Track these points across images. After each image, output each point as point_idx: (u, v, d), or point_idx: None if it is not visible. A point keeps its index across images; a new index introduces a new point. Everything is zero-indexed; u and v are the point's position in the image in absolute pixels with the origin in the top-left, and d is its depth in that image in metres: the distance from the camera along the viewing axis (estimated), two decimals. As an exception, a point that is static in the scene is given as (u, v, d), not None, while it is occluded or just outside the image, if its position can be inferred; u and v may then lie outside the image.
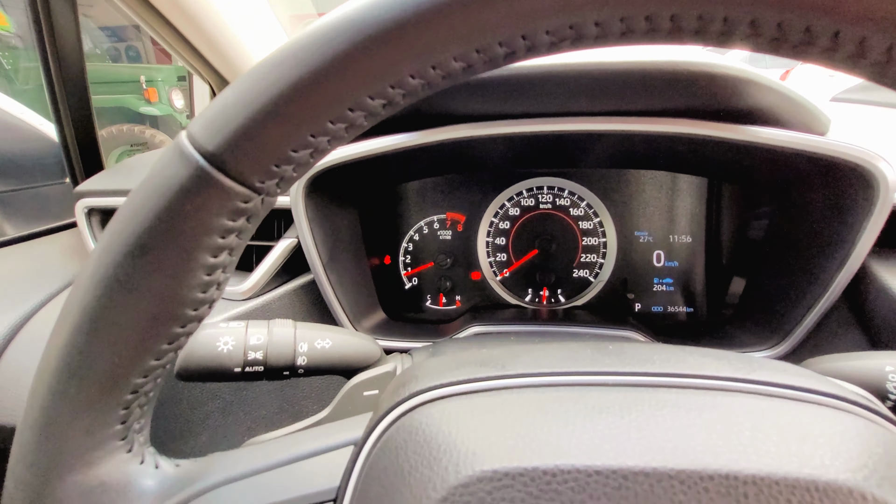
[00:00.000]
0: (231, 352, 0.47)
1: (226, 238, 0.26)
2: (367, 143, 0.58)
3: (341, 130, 0.27)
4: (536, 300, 0.85)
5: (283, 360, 0.49)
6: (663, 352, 0.35)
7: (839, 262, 0.57)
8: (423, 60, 0.25)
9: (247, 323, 0.50)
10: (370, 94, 0.26)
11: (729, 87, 0.46)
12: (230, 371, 0.47)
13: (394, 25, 0.23)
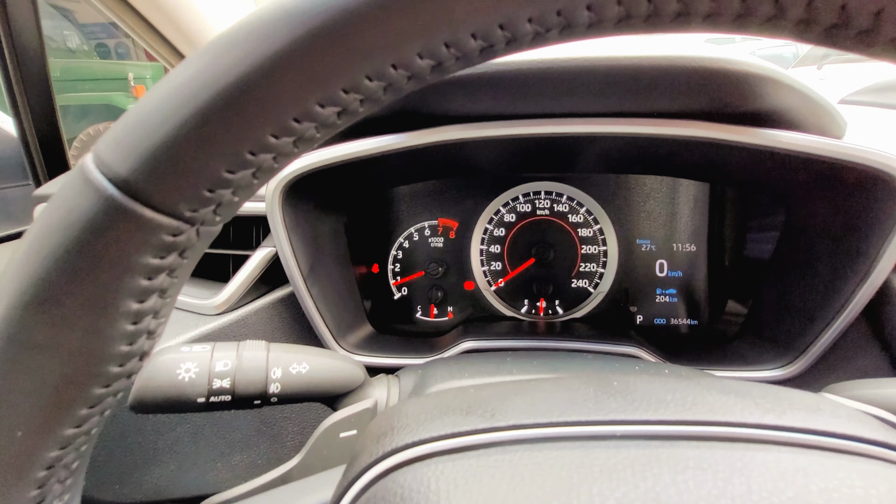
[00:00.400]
0: (194, 380, 0.42)
1: (153, 279, 0.22)
2: (351, 145, 0.53)
3: (288, 145, 0.23)
4: (533, 312, 0.81)
5: (253, 388, 0.44)
6: (677, 388, 0.31)
7: (860, 277, 0.53)
8: (382, 58, 0.21)
9: (213, 346, 0.45)
10: (319, 100, 0.21)
11: (750, 87, 0.42)
12: (192, 402, 0.42)
13: (343, 15, 0.19)
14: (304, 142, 0.25)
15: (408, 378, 0.53)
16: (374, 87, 0.23)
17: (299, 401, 0.46)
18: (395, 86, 0.24)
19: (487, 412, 0.30)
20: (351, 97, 0.23)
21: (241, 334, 0.62)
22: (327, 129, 0.24)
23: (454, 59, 0.23)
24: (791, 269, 0.62)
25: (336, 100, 0.23)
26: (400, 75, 0.23)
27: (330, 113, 0.23)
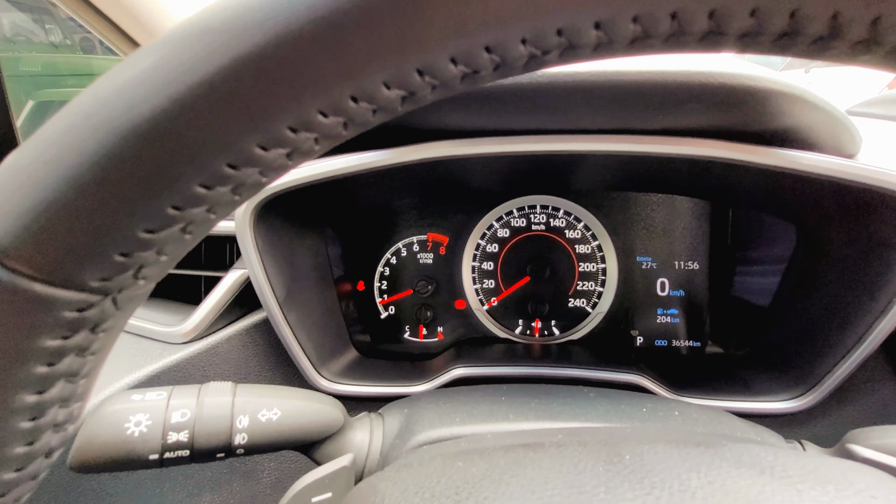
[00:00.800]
0: (145, 434, 0.37)
1: (56, 363, 0.17)
2: (331, 162, 0.49)
3: (225, 195, 0.18)
4: (528, 333, 0.76)
5: (216, 441, 0.39)
6: (701, 466, 0.26)
7: (880, 307, 0.49)
8: (340, 87, 0.17)
9: (170, 392, 0.40)
10: (260, 142, 0.17)
11: (773, 106, 0.38)
12: (143, 460, 0.37)
13: (284, 42, 0.15)
14: (244, 188, 0.20)
15: (392, 418, 0.48)
16: (330, 123, 0.18)
17: (269, 451, 0.42)
18: (358, 120, 0.19)
19: (480, 498, 0.25)
20: (302, 136, 0.18)
21: (210, 365, 0.57)
22: (274, 171, 0.20)
23: (429, 88, 0.19)
24: (803, 295, 0.59)
25: (282, 139, 0.18)
26: (361, 109, 0.18)
27: (275, 157, 0.18)
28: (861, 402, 0.56)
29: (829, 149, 0.47)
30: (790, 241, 0.61)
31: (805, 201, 0.51)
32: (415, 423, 0.45)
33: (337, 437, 0.45)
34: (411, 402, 0.50)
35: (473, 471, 0.27)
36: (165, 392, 0.39)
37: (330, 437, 0.44)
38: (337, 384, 0.61)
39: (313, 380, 0.60)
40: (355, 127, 0.20)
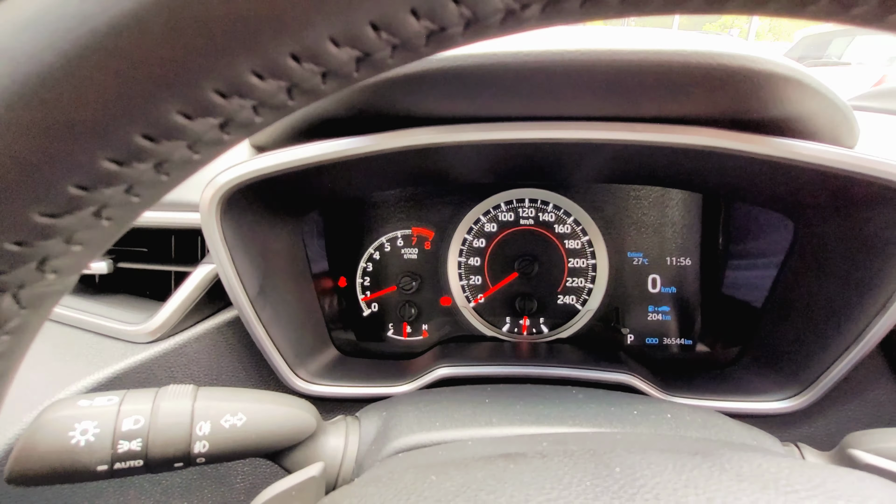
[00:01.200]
0: (92, 444, 0.34)
1: None
2: (304, 149, 0.45)
3: (146, 173, 0.16)
4: (515, 331, 0.74)
5: (172, 450, 0.36)
6: (698, 480, 0.24)
7: (878, 305, 0.47)
8: (275, 41, 0.14)
9: (122, 397, 0.36)
10: (181, 108, 0.14)
11: (772, 91, 0.35)
12: (90, 471, 0.33)
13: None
14: (173, 166, 0.17)
15: (370, 422, 0.46)
16: (268, 88, 0.15)
17: (234, 459, 0.38)
18: (304, 87, 0.16)
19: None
20: (235, 102, 0.15)
21: (178, 366, 0.54)
22: (209, 147, 0.17)
23: (389, 49, 0.16)
24: (799, 292, 0.57)
25: (209, 107, 0.15)
26: (308, 70, 0.16)
27: (205, 126, 0.16)
28: (857, 402, 0.54)
29: (828, 139, 0.45)
30: (785, 237, 0.59)
31: (803, 194, 0.49)
32: (392, 428, 0.42)
33: (308, 443, 0.42)
34: (390, 404, 0.48)
35: (447, 486, 0.24)
36: (117, 397, 0.36)
37: (301, 443, 0.42)
38: (315, 385, 0.58)
39: (289, 380, 0.57)
40: (303, 95, 0.17)
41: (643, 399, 0.48)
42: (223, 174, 0.46)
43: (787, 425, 0.56)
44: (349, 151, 0.44)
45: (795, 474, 0.24)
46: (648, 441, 0.32)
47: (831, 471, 0.25)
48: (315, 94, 0.18)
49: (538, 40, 0.33)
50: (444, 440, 0.39)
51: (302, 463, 0.41)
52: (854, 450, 0.37)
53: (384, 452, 0.40)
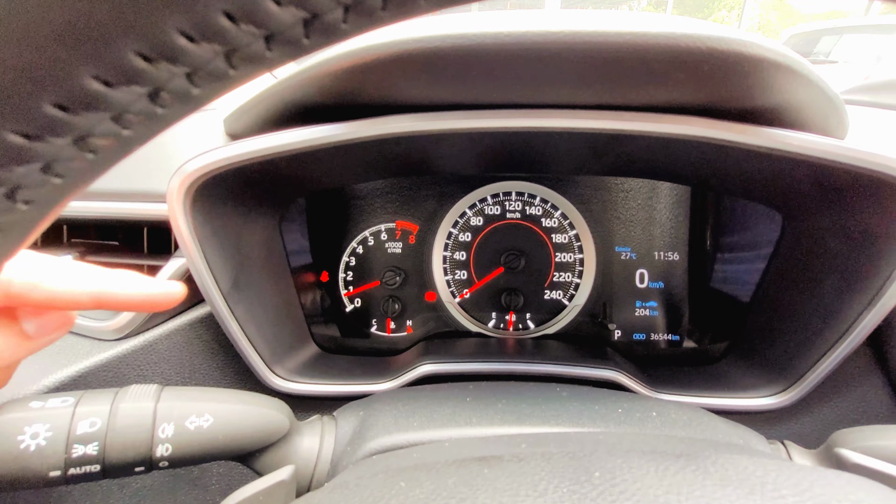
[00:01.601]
0: (44, 448, 0.31)
1: None
2: (276, 137, 0.43)
3: (65, 150, 0.14)
4: (501, 327, 0.73)
5: (132, 454, 0.34)
6: (681, 486, 0.22)
7: (866, 301, 0.46)
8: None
9: (78, 398, 0.34)
10: (98, 73, 0.12)
11: (760, 77, 0.34)
12: (42, 477, 0.31)
13: None
14: (98, 142, 0.15)
15: (347, 421, 0.44)
16: (201, 52, 0.13)
17: (200, 462, 0.37)
18: (245, 53, 0.14)
19: None
20: (163, 69, 0.13)
21: (148, 364, 0.51)
22: (141, 123, 0.15)
23: (341, 10, 0.14)
24: (786, 287, 0.56)
25: (132, 73, 0.13)
26: (246, 32, 0.14)
27: (130, 97, 0.14)
28: (844, 397, 0.53)
29: (818, 130, 0.44)
30: (773, 231, 0.58)
31: (792, 186, 0.48)
32: (369, 429, 0.40)
33: (281, 444, 0.40)
34: (368, 403, 0.46)
35: (416, 493, 0.23)
36: (73, 398, 0.34)
37: (273, 444, 0.40)
38: (293, 383, 0.56)
39: (266, 379, 0.55)
40: (246, 62, 0.15)
41: (629, 396, 0.47)
42: (192, 162, 0.43)
43: (774, 422, 0.56)
44: (324, 139, 0.42)
45: (782, 478, 0.23)
46: (631, 442, 0.30)
47: (819, 474, 0.24)
48: (261, 62, 0.16)
49: (519, 21, 0.31)
50: (422, 441, 0.38)
51: (274, 466, 0.39)
52: (841, 449, 0.36)
53: (360, 454, 0.38)
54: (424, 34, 0.32)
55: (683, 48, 0.31)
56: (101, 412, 0.33)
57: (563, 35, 0.30)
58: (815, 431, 0.55)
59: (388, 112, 0.43)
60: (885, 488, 0.24)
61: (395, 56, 0.33)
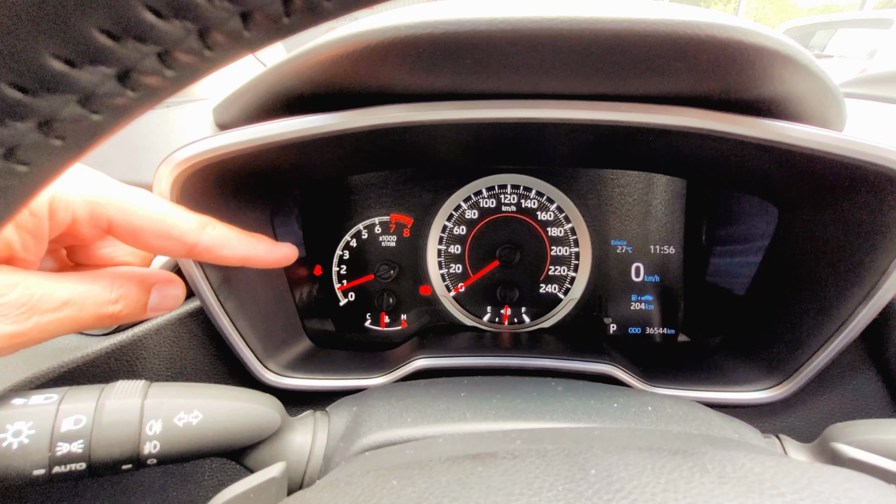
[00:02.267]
0: (27, 447, 0.31)
1: None
2: (267, 127, 0.42)
3: (28, 135, 0.13)
4: (496, 321, 0.72)
5: (118, 451, 0.33)
6: (678, 484, 0.22)
7: (862, 294, 0.46)
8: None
9: (62, 395, 0.33)
10: (58, 51, 0.12)
11: (759, 67, 0.33)
12: (25, 475, 0.31)
13: None
14: (64, 126, 0.14)
15: (339, 417, 0.43)
16: (172, 30, 0.13)
17: (190, 459, 0.36)
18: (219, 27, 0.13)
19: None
20: (130, 47, 0.13)
21: (137, 360, 0.50)
22: (111, 109, 0.14)
23: None
24: (782, 281, 0.56)
25: (96, 51, 0.12)
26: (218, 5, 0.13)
27: (96, 77, 0.13)
28: (839, 391, 0.53)
29: (816, 122, 0.43)
30: (770, 224, 0.58)
31: (789, 179, 0.48)
32: (362, 424, 0.40)
33: (273, 440, 0.39)
34: (362, 398, 0.45)
35: (409, 492, 0.22)
36: (56, 395, 0.33)
37: (265, 440, 0.39)
38: (286, 378, 0.55)
39: (258, 374, 0.54)
40: (221, 42, 0.14)
41: (624, 391, 0.46)
42: (179, 152, 0.42)
43: (769, 415, 0.56)
44: (315, 130, 0.41)
45: (780, 475, 0.23)
46: (627, 438, 0.30)
47: (817, 471, 0.23)
48: (239, 42, 0.15)
49: (515, 6, 0.30)
50: (416, 437, 0.37)
51: (265, 462, 0.38)
52: (837, 443, 0.36)
53: (353, 450, 0.38)
54: (417, 20, 0.31)
55: (682, 35, 0.30)
56: (87, 409, 0.33)
57: (559, 21, 0.29)
58: (810, 425, 0.55)
59: (382, 102, 0.42)
60: (883, 484, 0.24)
61: (387, 43, 0.32)
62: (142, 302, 0.35)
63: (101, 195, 0.31)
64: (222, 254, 0.37)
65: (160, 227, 0.33)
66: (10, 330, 0.27)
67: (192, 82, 0.16)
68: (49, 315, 0.29)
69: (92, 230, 0.32)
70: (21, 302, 0.28)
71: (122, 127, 0.16)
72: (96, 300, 0.32)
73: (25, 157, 0.15)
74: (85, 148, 0.16)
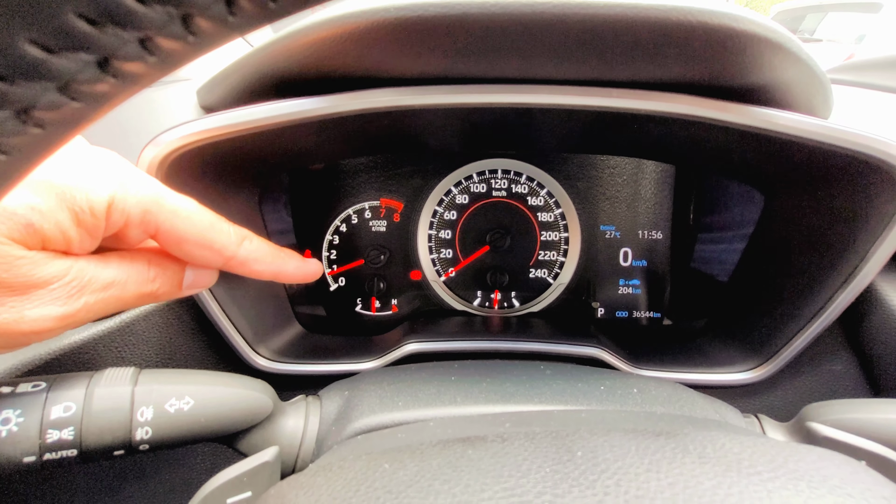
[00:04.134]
0: (16, 434, 0.31)
1: None
2: (254, 110, 0.41)
3: (5, 123, 0.12)
4: (486, 305, 0.73)
5: (110, 438, 0.33)
6: (661, 463, 0.23)
7: (842, 278, 0.47)
8: None
9: (50, 382, 0.33)
10: (34, 36, 0.11)
11: (752, 54, 0.33)
12: (16, 463, 0.31)
13: None
14: (43, 112, 0.14)
15: (331, 401, 0.44)
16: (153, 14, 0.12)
17: (183, 444, 0.36)
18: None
19: (414, 488, 0.21)
20: (109, 33, 0.12)
21: (126, 346, 0.50)
22: (93, 97, 0.14)
23: None
24: (765, 265, 0.57)
25: (73, 36, 0.12)
26: None
27: (75, 65, 0.13)
28: (816, 372, 0.55)
29: (803, 109, 0.44)
30: (755, 210, 0.58)
31: (775, 166, 0.48)
32: (354, 408, 0.40)
33: (265, 425, 0.40)
34: (353, 382, 0.46)
35: (400, 475, 0.23)
36: (44, 382, 0.33)
37: (257, 425, 0.39)
38: (277, 363, 0.56)
39: (249, 359, 0.54)
40: (205, 28, 0.14)
41: (611, 374, 0.48)
42: (164, 134, 0.41)
43: (749, 395, 0.58)
44: (303, 113, 0.40)
45: (758, 454, 0.23)
46: (613, 421, 0.31)
47: (792, 450, 0.24)
48: (224, 27, 0.14)
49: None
50: (407, 420, 0.38)
51: (258, 446, 0.39)
52: (812, 422, 0.38)
53: (345, 434, 0.38)
54: (406, 2, 0.30)
55: (674, 21, 0.30)
56: (76, 396, 0.33)
57: (551, 5, 0.29)
58: (788, 405, 0.57)
59: (370, 85, 0.41)
60: (853, 461, 0.25)
61: (374, 25, 0.31)
62: (177, 279, 0.36)
63: (155, 202, 0.32)
64: (255, 268, 0.39)
65: (203, 238, 0.35)
66: (61, 311, 0.29)
67: (175, 68, 0.16)
68: (96, 295, 0.31)
69: (139, 234, 0.33)
70: (73, 285, 0.30)
71: (104, 114, 0.16)
72: (136, 279, 0.33)
73: (4, 145, 0.14)
74: (66, 135, 0.16)
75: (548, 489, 0.21)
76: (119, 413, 0.33)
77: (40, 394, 0.32)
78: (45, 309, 0.29)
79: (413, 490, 0.21)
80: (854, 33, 5.10)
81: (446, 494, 0.21)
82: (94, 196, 0.29)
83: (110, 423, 0.33)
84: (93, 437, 0.32)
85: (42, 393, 0.32)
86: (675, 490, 0.20)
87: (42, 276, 0.28)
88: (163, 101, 0.57)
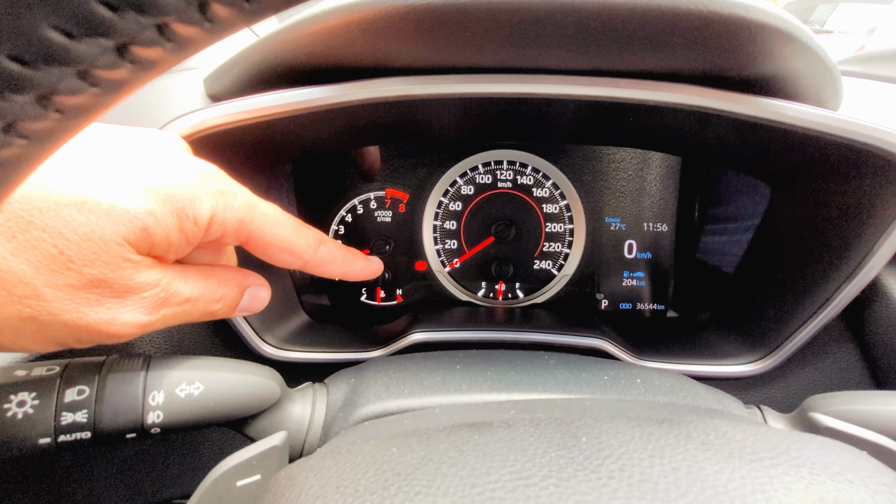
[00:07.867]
0: (31, 416, 0.31)
1: None
2: (261, 99, 0.41)
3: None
4: (491, 296, 0.73)
5: (122, 421, 0.34)
6: (665, 451, 0.23)
7: (847, 272, 0.47)
8: None
9: (64, 366, 0.34)
10: (12, 51, 0.11)
11: (763, 45, 0.33)
12: (31, 444, 0.31)
13: None
14: (26, 122, 0.14)
15: (337, 388, 0.44)
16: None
17: (193, 428, 0.37)
18: None
19: (421, 470, 0.22)
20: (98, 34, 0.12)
21: (134, 332, 0.51)
22: (77, 111, 0.14)
23: None
24: (770, 258, 0.57)
25: (49, 46, 0.12)
26: None
27: (57, 76, 0.13)
28: (819, 365, 0.55)
29: (812, 101, 0.43)
30: (761, 203, 0.58)
31: (784, 158, 0.48)
32: (360, 395, 0.41)
33: (273, 411, 0.40)
34: (359, 370, 0.46)
35: (408, 459, 0.23)
36: (58, 367, 0.33)
37: (265, 411, 0.40)
38: (283, 351, 0.56)
39: (256, 347, 0.55)
40: (223, 14, 0.14)
41: (614, 364, 0.48)
42: (171, 123, 0.42)
43: (752, 387, 0.58)
44: (311, 102, 0.40)
45: (760, 442, 0.24)
46: (617, 408, 0.31)
47: (795, 437, 0.25)
48: (241, 13, 0.14)
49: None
50: (413, 407, 0.38)
51: (266, 432, 0.39)
52: (814, 413, 0.38)
53: (351, 420, 0.39)
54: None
55: (684, 10, 0.30)
56: (89, 380, 0.33)
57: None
58: (790, 396, 0.57)
59: (377, 75, 0.41)
60: (855, 450, 0.25)
61: (385, 13, 0.31)
62: (236, 302, 0.37)
63: (248, 211, 0.33)
64: (328, 269, 0.40)
65: (287, 243, 0.36)
66: (144, 319, 0.30)
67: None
68: (173, 308, 0.32)
69: (233, 241, 0.34)
70: (160, 296, 0.31)
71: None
72: (207, 298, 0.34)
73: (25, 130, 0.14)
74: (83, 121, 0.16)
75: (553, 473, 0.21)
76: (131, 397, 0.34)
77: (55, 378, 0.33)
78: (133, 315, 0.29)
79: (421, 473, 0.22)
80: (865, 25, 5.02)
81: (454, 477, 0.21)
82: (199, 207, 0.30)
83: (123, 407, 0.33)
84: (106, 419, 0.33)
85: (56, 377, 0.33)
86: (678, 475, 0.21)
87: (140, 281, 0.29)
88: (170, 90, 0.57)
